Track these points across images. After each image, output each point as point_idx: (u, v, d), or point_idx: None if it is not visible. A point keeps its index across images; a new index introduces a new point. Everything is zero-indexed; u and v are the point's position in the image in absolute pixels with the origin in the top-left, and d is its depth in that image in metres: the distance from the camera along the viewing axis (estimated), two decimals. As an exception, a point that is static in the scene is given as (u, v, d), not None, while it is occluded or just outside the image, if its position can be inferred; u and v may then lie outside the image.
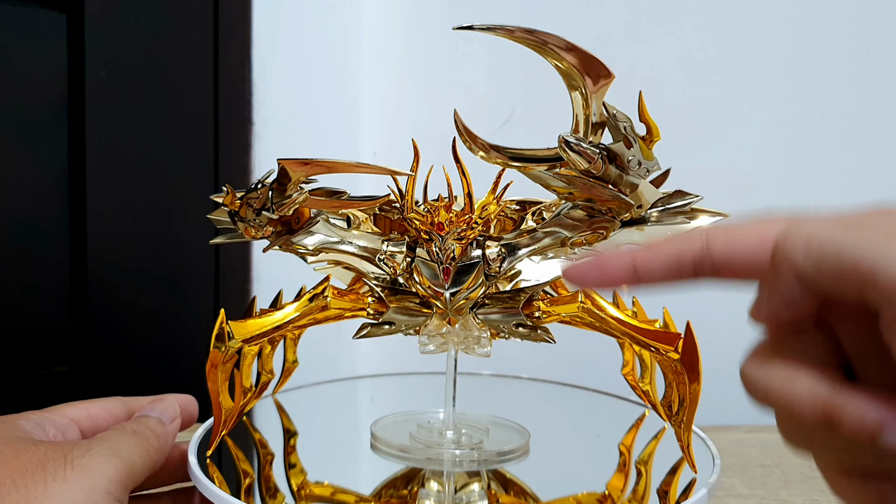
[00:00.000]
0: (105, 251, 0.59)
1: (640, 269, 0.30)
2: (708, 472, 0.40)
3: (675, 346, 0.38)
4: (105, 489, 0.32)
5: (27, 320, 0.56)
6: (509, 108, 0.73)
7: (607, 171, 0.34)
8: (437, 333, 0.41)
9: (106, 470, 0.33)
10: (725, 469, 0.52)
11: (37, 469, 0.31)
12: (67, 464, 0.32)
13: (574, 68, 0.33)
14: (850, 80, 0.67)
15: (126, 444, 0.35)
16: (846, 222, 0.26)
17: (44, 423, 0.37)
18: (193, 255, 0.65)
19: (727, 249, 0.29)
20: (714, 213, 0.38)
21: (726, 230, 0.29)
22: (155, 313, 0.63)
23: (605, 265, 0.30)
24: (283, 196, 0.37)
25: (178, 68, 0.63)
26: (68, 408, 0.39)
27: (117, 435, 0.36)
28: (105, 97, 0.59)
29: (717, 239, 0.29)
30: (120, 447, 0.35)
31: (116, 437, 0.35)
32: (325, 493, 0.42)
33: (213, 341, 0.39)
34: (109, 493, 0.32)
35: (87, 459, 0.32)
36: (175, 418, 0.40)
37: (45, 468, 0.31)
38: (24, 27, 0.55)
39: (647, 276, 0.30)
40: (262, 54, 0.69)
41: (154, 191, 0.62)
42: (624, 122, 0.33)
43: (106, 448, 0.34)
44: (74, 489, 0.31)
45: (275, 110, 0.70)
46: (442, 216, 0.38)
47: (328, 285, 0.40)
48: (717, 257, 0.29)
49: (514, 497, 0.41)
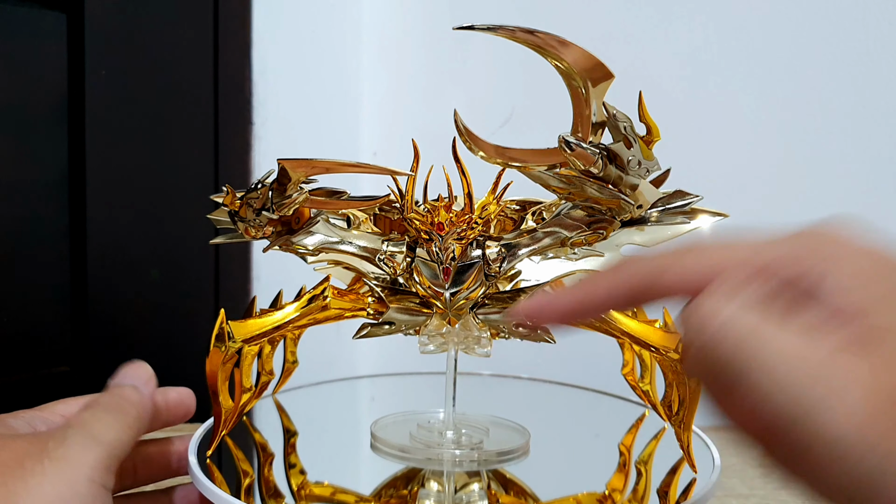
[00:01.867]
0: (105, 251, 0.59)
1: (588, 301, 0.29)
2: (708, 472, 0.40)
3: (675, 347, 0.38)
4: (87, 477, 0.31)
5: (27, 320, 0.56)
6: (509, 108, 0.73)
7: (607, 171, 0.34)
8: (437, 333, 0.41)
9: (84, 457, 0.32)
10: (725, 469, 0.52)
11: (15, 466, 0.31)
12: (45, 457, 0.31)
13: (574, 68, 0.33)
14: (850, 80, 0.67)
15: (103, 423, 0.34)
16: (768, 308, 0.24)
17: (34, 420, 0.36)
18: (193, 255, 0.65)
19: (679, 280, 0.27)
20: (714, 212, 0.38)
21: (677, 259, 0.27)
22: (155, 313, 0.63)
23: (555, 300, 0.29)
24: (282, 196, 0.37)
25: (178, 68, 0.63)
26: (60, 405, 0.38)
27: (91, 415, 0.35)
28: (105, 97, 0.59)
29: (671, 270, 0.27)
30: (96, 429, 0.33)
31: (91, 419, 0.34)
32: (326, 493, 0.42)
33: (213, 341, 0.39)
34: (92, 480, 0.31)
35: (64, 449, 0.31)
36: (149, 379, 0.39)
37: (23, 464, 0.31)
38: (24, 27, 0.55)
39: (595, 307, 0.29)
40: (262, 54, 0.69)
41: (154, 191, 0.62)
42: (624, 122, 0.33)
43: (81, 434, 0.33)
44: (55, 482, 0.30)
45: (275, 110, 0.70)
46: (442, 216, 0.38)
47: (328, 285, 0.40)
48: (670, 286, 0.28)
49: (515, 497, 0.41)
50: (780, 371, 0.22)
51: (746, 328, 0.23)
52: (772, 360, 0.22)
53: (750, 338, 0.23)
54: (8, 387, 0.37)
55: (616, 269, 0.28)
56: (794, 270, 0.24)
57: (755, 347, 0.23)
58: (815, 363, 0.22)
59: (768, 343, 0.23)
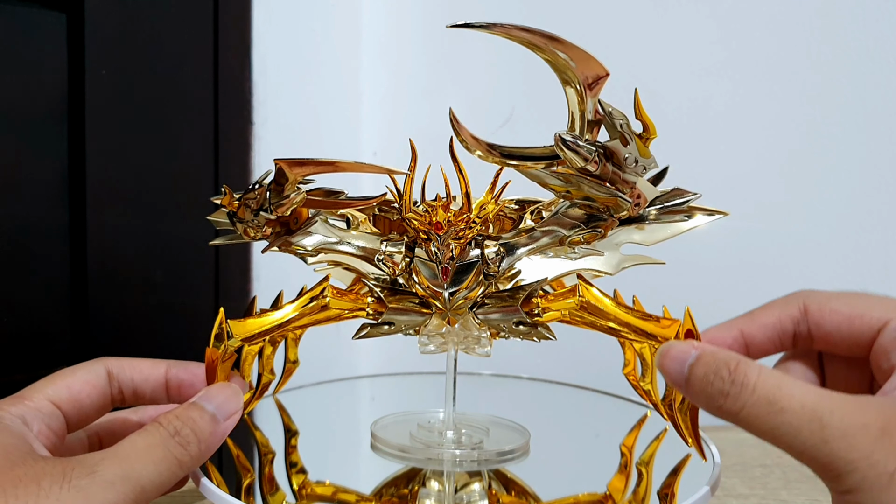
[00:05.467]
0: (105, 251, 0.59)
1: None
2: (708, 472, 0.39)
3: (675, 335, 0.37)
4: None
5: (27, 320, 0.56)
6: (509, 108, 0.73)
7: (604, 169, 0.34)
8: (437, 333, 0.41)
9: (107, 496, 0.29)
10: (725, 469, 0.52)
11: (31, 482, 0.29)
12: (65, 482, 0.29)
13: (569, 66, 0.33)
14: (850, 80, 0.67)
15: (148, 459, 0.31)
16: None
17: (26, 416, 0.34)
18: (193, 255, 0.65)
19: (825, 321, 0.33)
20: (712, 210, 0.38)
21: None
22: (155, 313, 0.63)
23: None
24: (280, 196, 0.37)
25: (178, 68, 0.63)
26: (49, 387, 0.35)
27: (145, 444, 0.31)
28: (105, 97, 0.59)
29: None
30: (137, 467, 0.30)
31: (140, 451, 0.31)
32: (327, 493, 0.42)
33: (213, 340, 0.38)
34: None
35: (88, 481, 0.29)
36: (233, 414, 0.35)
37: (39, 483, 0.29)
38: (24, 27, 0.55)
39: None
40: (262, 54, 0.69)
41: (154, 191, 0.62)
42: (620, 119, 0.33)
43: (114, 468, 0.30)
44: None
45: (275, 110, 0.70)
46: (440, 216, 0.37)
47: (327, 285, 0.40)
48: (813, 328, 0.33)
49: (515, 497, 0.41)
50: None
51: None
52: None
53: None
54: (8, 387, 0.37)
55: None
56: None
57: None
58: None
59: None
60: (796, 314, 0.34)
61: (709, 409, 0.31)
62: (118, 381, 0.38)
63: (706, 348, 0.31)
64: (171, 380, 0.39)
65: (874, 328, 0.32)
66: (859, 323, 0.33)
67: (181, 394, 0.39)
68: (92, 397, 0.36)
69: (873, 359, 0.33)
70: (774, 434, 0.28)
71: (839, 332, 0.33)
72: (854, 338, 0.33)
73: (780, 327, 0.35)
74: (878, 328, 0.32)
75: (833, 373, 0.36)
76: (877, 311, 0.33)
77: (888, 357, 0.32)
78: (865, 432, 0.27)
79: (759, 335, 0.35)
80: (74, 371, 0.36)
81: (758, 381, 0.29)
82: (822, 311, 0.33)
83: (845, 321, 0.33)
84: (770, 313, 0.35)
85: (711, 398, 0.30)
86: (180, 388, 0.39)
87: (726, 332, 0.36)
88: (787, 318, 0.35)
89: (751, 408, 0.29)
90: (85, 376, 0.36)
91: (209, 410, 0.34)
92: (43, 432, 0.34)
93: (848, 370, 0.35)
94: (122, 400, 0.38)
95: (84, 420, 0.37)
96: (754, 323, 0.35)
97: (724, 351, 0.31)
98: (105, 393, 0.37)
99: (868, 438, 0.27)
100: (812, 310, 0.34)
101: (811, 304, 0.34)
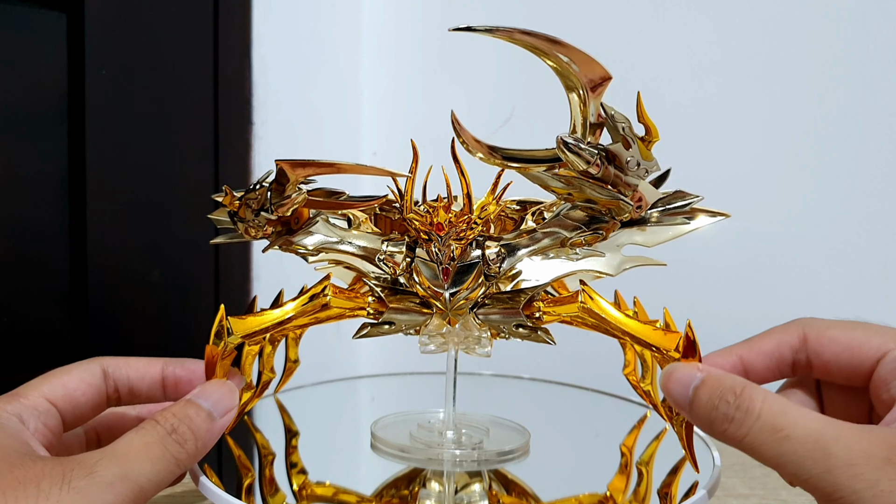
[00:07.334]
0: (105, 251, 0.59)
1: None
2: (708, 472, 0.40)
3: (675, 346, 0.38)
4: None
5: (27, 320, 0.56)
6: (509, 108, 0.73)
7: (606, 172, 0.34)
8: (437, 333, 0.41)
9: (106, 496, 0.29)
10: (725, 469, 0.52)
11: (30, 483, 0.29)
12: (64, 483, 0.29)
13: (571, 69, 0.33)
14: (850, 81, 0.67)
15: (146, 458, 0.31)
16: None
17: (22, 414, 0.33)
18: (193, 255, 0.65)
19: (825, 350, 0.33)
20: (714, 212, 0.38)
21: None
22: (155, 313, 0.63)
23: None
24: (281, 196, 0.37)
25: (178, 68, 0.63)
26: (44, 385, 0.35)
27: (143, 443, 0.31)
28: (105, 97, 0.58)
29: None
30: (135, 466, 0.30)
31: (132, 451, 0.31)
32: (328, 493, 0.42)
33: (213, 337, 0.38)
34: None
35: (87, 482, 0.29)
36: (229, 411, 0.34)
37: (39, 485, 0.29)
38: (24, 27, 0.55)
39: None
40: (262, 54, 0.69)
41: (154, 191, 0.62)
42: (622, 122, 0.33)
43: (113, 468, 0.30)
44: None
45: (275, 110, 0.70)
46: (441, 216, 0.37)
47: (328, 284, 0.40)
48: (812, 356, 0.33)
49: (515, 497, 0.41)
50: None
51: None
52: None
53: None
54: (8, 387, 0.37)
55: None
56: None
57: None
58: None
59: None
60: (795, 342, 0.34)
61: (712, 434, 0.31)
62: (114, 379, 0.38)
63: (711, 372, 0.31)
64: (169, 377, 0.39)
65: (873, 358, 0.32)
66: (858, 353, 0.33)
67: (179, 391, 0.38)
68: (87, 395, 0.36)
69: (873, 389, 0.33)
70: (778, 462, 0.28)
71: (838, 362, 0.33)
72: (853, 367, 0.33)
73: (778, 355, 0.35)
74: (877, 358, 0.32)
75: (831, 401, 0.36)
76: (875, 340, 0.32)
77: (888, 387, 0.32)
78: (870, 462, 0.26)
79: (758, 362, 0.35)
80: (70, 369, 0.36)
81: (763, 407, 0.29)
82: (820, 340, 0.33)
83: (844, 350, 0.33)
84: (769, 341, 0.35)
85: (715, 423, 0.30)
86: (178, 385, 0.39)
87: (725, 359, 0.36)
88: (785, 345, 0.35)
89: (755, 434, 0.28)
90: (80, 374, 0.36)
91: (205, 408, 0.34)
92: (39, 430, 0.34)
93: (846, 399, 0.35)
94: (118, 398, 0.38)
95: (80, 418, 0.37)
96: (753, 350, 0.35)
97: (730, 375, 0.31)
98: (101, 391, 0.37)
99: (873, 468, 0.26)
100: (811, 338, 0.34)
101: (810, 332, 0.34)
